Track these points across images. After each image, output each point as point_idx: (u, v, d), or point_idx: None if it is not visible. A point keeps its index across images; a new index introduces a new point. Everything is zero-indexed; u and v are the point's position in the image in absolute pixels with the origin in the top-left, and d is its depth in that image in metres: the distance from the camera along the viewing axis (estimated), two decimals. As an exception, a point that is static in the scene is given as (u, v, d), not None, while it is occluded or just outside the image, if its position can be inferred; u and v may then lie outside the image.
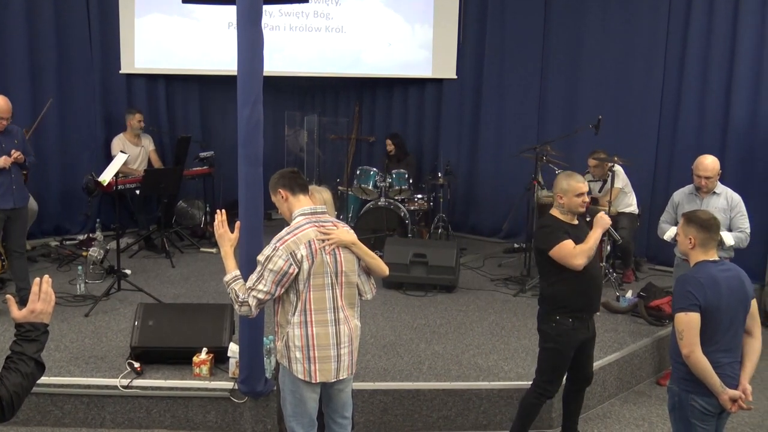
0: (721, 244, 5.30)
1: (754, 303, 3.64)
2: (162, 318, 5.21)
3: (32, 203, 7.55)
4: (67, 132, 8.83)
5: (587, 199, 4.37)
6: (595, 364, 5.38)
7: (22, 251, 6.49)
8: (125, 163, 7.54)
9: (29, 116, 8.13)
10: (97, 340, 5.60)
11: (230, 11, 4.60)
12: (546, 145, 7.63)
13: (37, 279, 2.53)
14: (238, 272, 3.59)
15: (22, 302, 2.49)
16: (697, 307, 3.46)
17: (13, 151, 6.10)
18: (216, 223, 3.70)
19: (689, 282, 3.53)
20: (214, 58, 9.43)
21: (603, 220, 4.35)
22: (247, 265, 3.90)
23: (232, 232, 3.71)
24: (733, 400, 3.52)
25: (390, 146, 9.30)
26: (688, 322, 3.46)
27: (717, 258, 3.64)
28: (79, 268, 6.78)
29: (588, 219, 7.38)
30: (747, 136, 7.58)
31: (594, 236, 4.27)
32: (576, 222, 4.44)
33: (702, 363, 3.47)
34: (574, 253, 4.19)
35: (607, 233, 4.39)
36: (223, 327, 5.12)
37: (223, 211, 3.72)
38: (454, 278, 7.17)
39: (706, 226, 3.60)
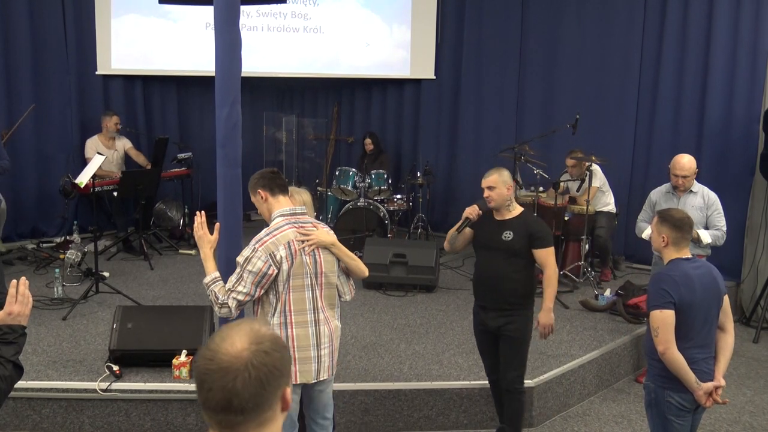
0: (698, 242, 5.36)
1: (726, 299, 3.68)
2: (141, 320, 5.17)
3: None
4: (43, 133, 8.75)
5: (487, 194, 4.41)
6: (574, 362, 5.45)
7: None
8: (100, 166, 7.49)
9: (4, 118, 8.05)
10: (75, 343, 5.55)
11: (208, 12, 4.59)
12: (524, 144, 7.68)
13: (14, 281, 2.50)
14: (217, 274, 3.58)
15: (-1, 305, 2.47)
16: (672, 304, 3.49)
17: None
18: (195, 224, 3.68)
19: (663, 280, 3.56)
20: (191, 58, 9.38)
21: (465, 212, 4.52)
22: (226, 266, 3.88)
23: (211, 233, 3.70)
24: (708, 394, 3.56)
25: (370, 145, 9.32)
26: (663, 320, 3.49)
27: (690, 255, 3.68)
28: (57, 270, 6.71)
29: (567, 218, 7.49)
30: (722, 136, 7.66)
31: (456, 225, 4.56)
32: (505, 218, 4.44)
33: (677, 360, 3.50)
34: None
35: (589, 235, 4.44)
36: (202, 329, 5.10)
37: (203, 212, 3.70)
38: (433, 278, 7.18)
39: (679, 225, 3.63)
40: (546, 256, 4.33)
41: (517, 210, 4.45)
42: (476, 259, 4.66)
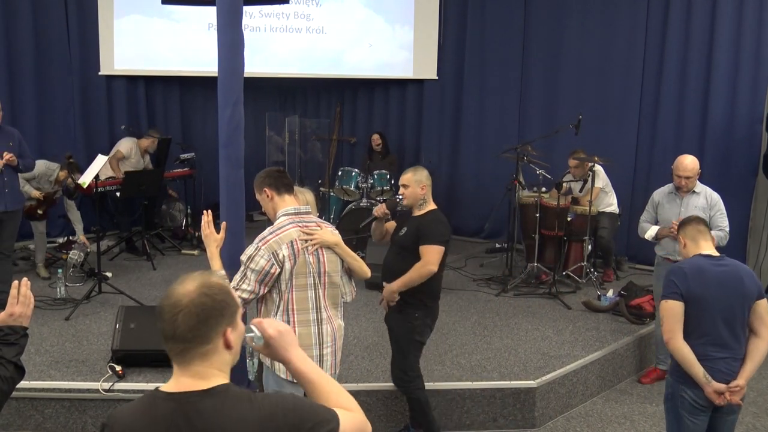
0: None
1: (762, 303, 3.59)
2: (143, 320, 5.17)
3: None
4: (46, 133, 8.76)
5: (401, 191, 4.48)
6: (577, 362, 5.46)
7: (8, 254, 6.43)
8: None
9: (6, 118, 8.05)
10: (78, 343, 5.55)
11: (210, 12, 4.58)
12: (526, 145, 7.67)
13: (16, 282, 2.50)
14: (223, 272, 3.58)
15: (1, 306, 2.47)
16: (678, 295, 3.55)
17: (5, 153, 6.02)
18: (202, 223, 3.68)
19: (674, 271, 3.65)
20: (194, 59, 9.38)
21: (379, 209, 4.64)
22: (229, 266, 3.88)
23: (217, 232, 3.70)
24: (720, 394, 3.54)
25: (379, 141, 9.34)
26: (669, 309, 3.57)
27: (711, 253, 3.68)
28: (59, 271, 6.72)
29: (570, 219, 7.48)
30: (724, 136, 7.66)
31: None
32: (414, 213, 4.51)
33: (681, 351, 3.54)
34: None
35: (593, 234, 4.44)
36: (204, 329, 5.09)
37: (209, 211, 3.70)
38: (436, 278, 7.17)
39: (686, 221, 3.80)
40: (425, 251, 4.33)
41: (427, 209, 4.48)
42: None
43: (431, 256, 4.32)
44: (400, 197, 4.52)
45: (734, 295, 3.57)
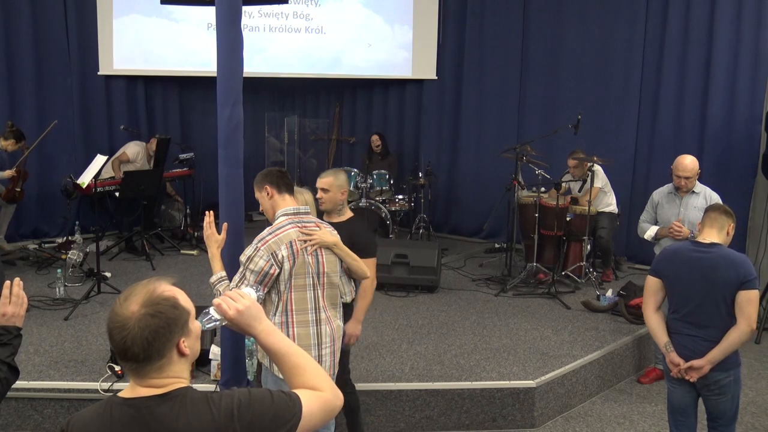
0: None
1: (741, 294, 3.64)
2: (142, 321, 5.16)
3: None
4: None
5: (320, 195, 4.27)
6: (576, 362, 5.45)
7: None
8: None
9: (5, 118, 8.06)
10: (77, 343, 5.55)
11: (210, 12, 4.58)
12: (526, 145, 7.67)
13: (8, 282, 2.50)
14: (224, 273, 3.58)
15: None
16: (653, 271, 3.97)
17: None
18: (204, 224, 3.67)
19: (660, 252, 4.09)
20: (193, 59, 9.38)
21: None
22: (229, 266, 3.88)
23: (218, 233, 3.69)
24: (675, 366, 3.82)
25: (378, 141, 9.35)
26: (645, 283, 4.04)
27: (704, 240, 3.81)
28: (59, 271, 6.71)
29: (569, 219, 7.48)
30: (723, 136, 7.66)
31: None
32: (332, 221, 4.25)
33: (649, 320, 3.99)
34: None
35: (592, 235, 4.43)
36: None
37: (211, 212, 3.69)
38: (435, 278, 7.18)
39: (708, 207, 4.01)
40: (367, 265, 4.06)
41: (347, 215, 4.32)
42: None
43: (372, 270, 4.17)
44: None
45: (706, 281, 3.72)
